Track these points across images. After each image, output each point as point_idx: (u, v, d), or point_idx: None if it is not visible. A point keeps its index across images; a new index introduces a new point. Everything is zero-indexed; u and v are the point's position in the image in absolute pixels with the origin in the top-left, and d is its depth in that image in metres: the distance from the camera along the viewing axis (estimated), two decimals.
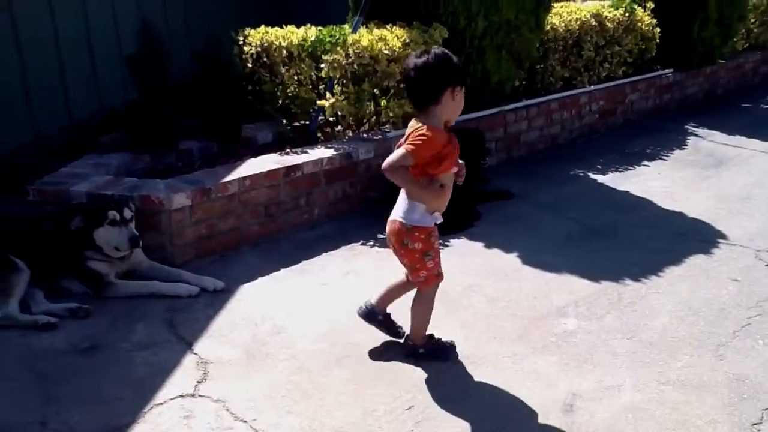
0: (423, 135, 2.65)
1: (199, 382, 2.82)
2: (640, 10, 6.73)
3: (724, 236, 4.24)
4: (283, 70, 5.00)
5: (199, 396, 2.74)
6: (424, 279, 2.90)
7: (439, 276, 2.93)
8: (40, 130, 4.79)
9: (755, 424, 2.59)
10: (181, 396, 2.73)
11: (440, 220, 2.84)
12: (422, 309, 2.98)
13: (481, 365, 2.96)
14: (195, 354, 3.02)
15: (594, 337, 3.16)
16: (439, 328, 3.21)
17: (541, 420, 2.62)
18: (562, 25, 5.96)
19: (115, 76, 5.22)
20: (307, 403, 2.70)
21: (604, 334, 3.19)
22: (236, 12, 6.41)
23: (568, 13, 6.14)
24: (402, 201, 2.83)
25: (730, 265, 3.86)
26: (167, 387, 2.78)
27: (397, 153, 2.68)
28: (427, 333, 3.02)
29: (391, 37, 4.68)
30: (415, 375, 2.88)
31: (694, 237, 4.24)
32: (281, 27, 5.16)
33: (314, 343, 3.10)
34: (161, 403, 2.68)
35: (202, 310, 3.38)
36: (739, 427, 2.57)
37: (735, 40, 8.17)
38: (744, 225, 4.41)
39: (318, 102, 4.79)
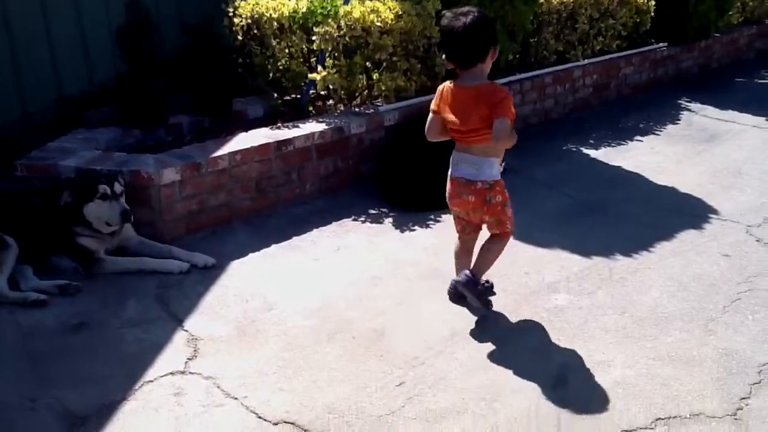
0: (504, 95, 2.81)
1: (189, 359, 2.82)
2: None
3: (715, 211, 4.24)
4: (273, 43, 4.94)
5: (190, 373, 2.73)
6: (510, 229, 3.07)
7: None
8: (28, 105, 4.73)
9: (743, 398, 2.61)
10: (172, 373, 2.73)
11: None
12: (496, 254, 3.11)
13: (473, 341, 2.96)
14: (186, 331, 3.01)
15: (585, 313, 3.17)
16: (430, 303, 3.22)
17: (531, 395, 2.63)
18: None
19: (104, 51, 5.14)
20: (299, 380, 2.70)
21: (595, 309, 3.20)
22: None
23: None
24: (475, 161, 2.93)
25: (721, 241, 3.86)
26: (158, 364, 2.78)
27: (503, 123, 2.78)
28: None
29: (384, 9, 4.62)
30: (407, 351, 2.88)
31: (686, 212, 4.24)
32: None
33: (306, 319, 3.10)
34: (152, 380, 2.68)
35: (192, 286, 3.36)
36: (728, 401, 2.59)
37: (730, 14, 8.09)
38: (735, 200, 4.42)
39: (309, 75, 4.74)
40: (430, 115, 3.00)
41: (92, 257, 3.48)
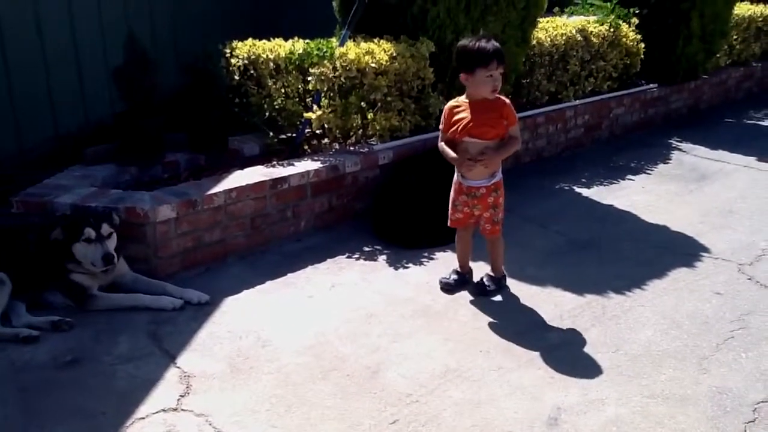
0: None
1: (182, 395, 2.80)
2: (624, 26, 6.79)
3: (707, 250, 4.28)
4: (270, 83, 5.01)
5: (182, 410, 2.71)
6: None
7: None
8: (24, 141, 4.76)
9: None
10: (164, 410, 2.71)
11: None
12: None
13: (467, 378, 2.96)
14: (178, 367, 2.99)
15: (579, 351, 3.17)
16: (423, 340, 3.22)
17: None
18: (548, 39, 6.01)
19: (101, 89, 5.20)
20: (292, 417, 2.69)
21: (588, 347, 3.20)
22: (223, 26, 6.41)
23: (554, 28, 6.20)
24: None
25: (713, 279, 3.88)
26: (150, 401, 2.76)
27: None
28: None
29: (378, 51, 4.70)
30: (400, 389, 2.87)
31: (678, 250, 4.27)
32: (269, 40, 5.17)
33: (299, 356, 3.09)
34: (143, 418, 2.66)
35: (186, 322, 3.36)
36: None
37: (718, 56, 8.26)
38: (727, 239, 4.45)
39: (305, 114, 4.80)
40: None
41: (86, 293, 3.48)
